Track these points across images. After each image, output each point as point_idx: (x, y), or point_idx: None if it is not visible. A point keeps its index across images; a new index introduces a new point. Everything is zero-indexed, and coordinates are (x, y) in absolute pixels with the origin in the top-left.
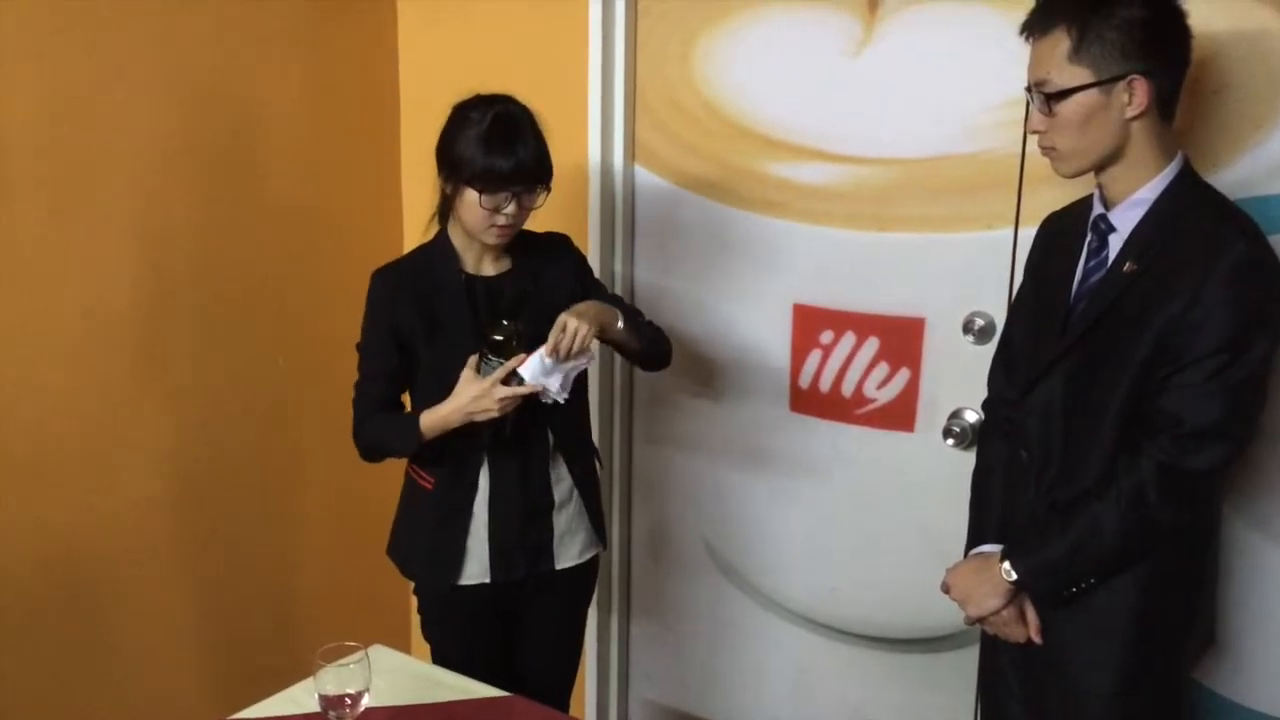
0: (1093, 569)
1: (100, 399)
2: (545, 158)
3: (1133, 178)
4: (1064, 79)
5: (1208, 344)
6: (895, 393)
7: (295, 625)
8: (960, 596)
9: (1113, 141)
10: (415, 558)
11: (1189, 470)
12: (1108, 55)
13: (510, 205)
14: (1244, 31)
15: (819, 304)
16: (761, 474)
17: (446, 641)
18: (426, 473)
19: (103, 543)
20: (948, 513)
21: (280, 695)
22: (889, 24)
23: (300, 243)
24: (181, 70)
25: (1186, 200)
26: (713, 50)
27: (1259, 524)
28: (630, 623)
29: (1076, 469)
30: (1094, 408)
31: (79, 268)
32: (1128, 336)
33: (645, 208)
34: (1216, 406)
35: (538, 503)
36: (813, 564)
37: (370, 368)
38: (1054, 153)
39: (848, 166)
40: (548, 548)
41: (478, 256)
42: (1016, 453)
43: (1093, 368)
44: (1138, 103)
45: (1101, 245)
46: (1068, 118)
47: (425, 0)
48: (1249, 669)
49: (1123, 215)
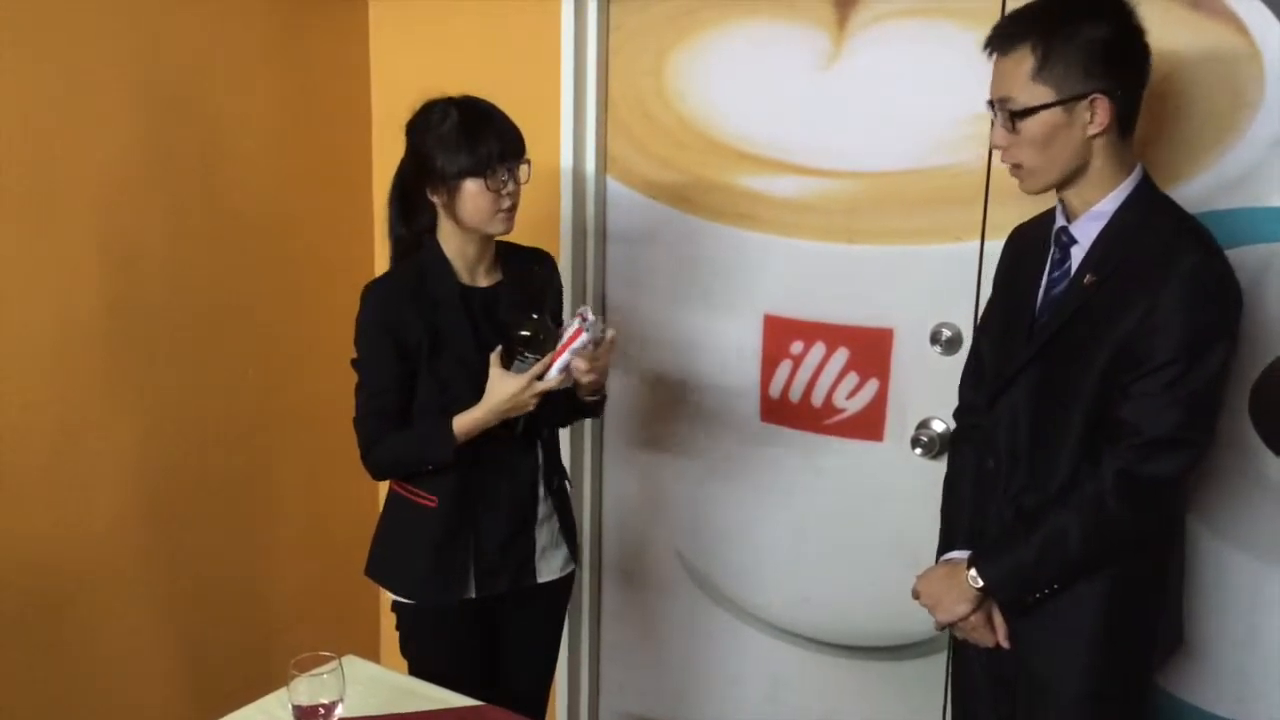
0: (1057, 575)
1: (69, 411)
2: (516, 128)
3: (1093, 191)
4: (1027, 97)
5: (1164, 353)
6: (865, 402)
7: (266, 638)
8: (930, 602)
9: (1075, 158)
10: (413, 577)
11: (1149, 477)
12: (1070, 75)
13: (510, 183)
14: (1204, 49)
15: (789, 315)
16: (732, 483)
17: (428, 658)
18: (425, 491)
19: (73, 555)
20: (917, 521)
21: (253, 705)
22: (858, 39)
23: (271, 254)
24: (152, 80)
25: (1144, 212)
26: (684, 64)
27: (1221, 530)
28: (601, 633)
29: (1042, 476)
30: (1058, 416)
31: (48, 279)
32: (1089, 347)
33: (617, 219)
34: (1174, 414)
35: (523, 517)
36: (784, 573)
37: (376, 382)
38: (1019, 170)
39: (818, 179)
40: (530, 562)
41: (471, 267)
42: (984, 460)
43: (1056, 377)
44: (1099, 121)
45: (1064, 257)
46: (1031, 136)
47: (397, 11)
48: (1213, 675)
49: (1083, 227)
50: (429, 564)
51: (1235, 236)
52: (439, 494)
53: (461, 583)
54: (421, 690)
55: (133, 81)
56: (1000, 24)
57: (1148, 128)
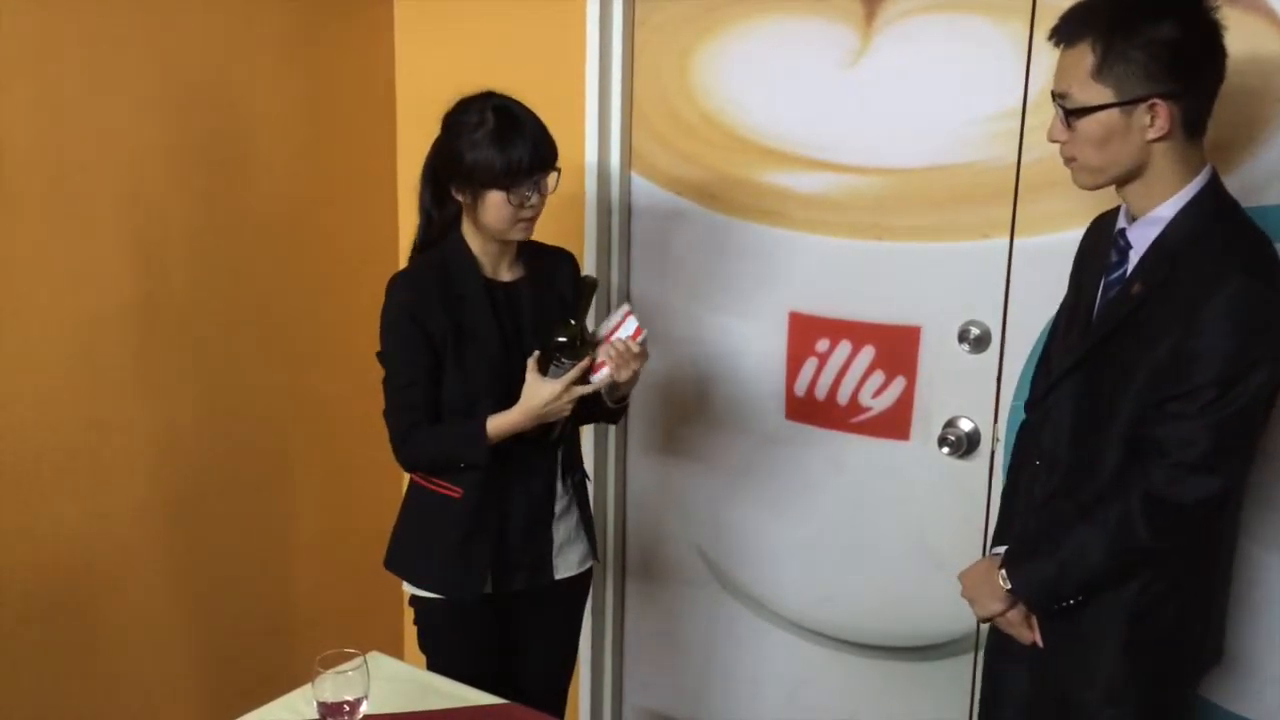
0: (1078, 588)
1: (93, 408)
2: (551, 137)
3: (1153, 194)
4: (1085, 96)
5: (1202, 375)
6: (891, 401)
7: (288, 633)
8: (969, 596)
9: (1132, 160)
10: (433, 570)
11: (1175, 502)
12: (1131, 76)
13: (534, 196)
14: (1236, 43)
15: (815, 312)
16: (756, 482)
17: (445, 653)
18: (452, 483)
19: (96, 549)
20: (943, 521)
21: (277, 702)
22: (885, 35)
23: (295, 251)
24: (177, 75)
25: (1200, 223)
26: (709, 60)
27: (1265, 540)
28: (625, 631)
29: (1079, 483)
30: (1099, 425)
31: (72, 277)
32: (1130, 359)
33: (642, 216)
34: (1206, 440)
35: (541, 513)
36: (808, 572)
37: (406, 375)
38: (1074, 164)
39: (844, 176)
40: (547, 558)
41: (494, 262)
42: (1033, 458)
43: (1100, 385)
44: (1159, 125)
45: (1121, 260)
46: (1087, 135)
47: (422, 8)
48: (1257, 685)
49: (1140, 232)
50: (450, 557)
51: (1272, 232)
52: (464, 486)
53: (480, 577)
54: (445, 688)
55: (157, 80)
56: (1066, 14)
57: None
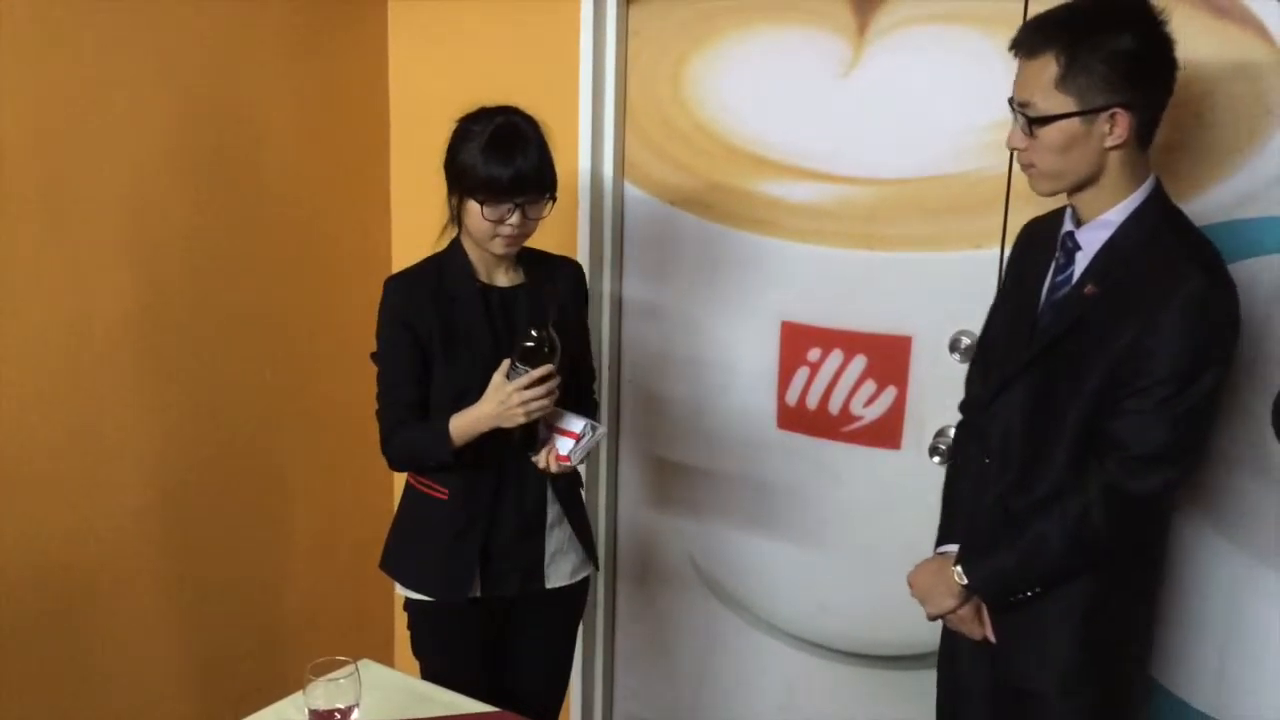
0: (1037, 580)
1: (88, 412)
2: (546, 168)
3: (1104, 199)
4: (1048, 105)
5: (1159, 372)
6: (882, 410)
7: (279, 640)
8: (921, 595)
9: (1089, 167)
10: (422, 571)
11: (1133, 493)
12: (1093, 86)
13: (514, 216)
14: (1228, 56)
15: (807, 321)
16: (748, 491)
17: (439, 658)
18: (438, 484)
19: (90, 556)
20: (934, 530)
21: (269, 710)
22: (877, 46)
23: (289, 255)
24: (173, 81)
25: (1150, 227)
26: (703, 70)
27: (1235, 538)
28: (616, 639)
29: (1032, 480)
30: (1051, 423)
31: (66, 280)
32: (1085, 358)
33: (634, 225)
34: (1162, 433)
35: (531, 521)
36: (800, 581)
37: (394, 375)
38: (1033, 170)
39: (836, 186)
40: (539, 566)
41: (491, 267)
42: (981, 457)
43: (1052, 384)
44: (1118, 134)
45: (1068, 262)
46: (1048, 142)
47: (416, 14)
48: (1199, 676)
49: (1089, 235)
50: (438, 558)
51: (1258, 245)
52: (450, 487)
53: (468, 580)
54: (437, 696)
55: (153, 83)
56: (1027, 26)
57: (1170, 135)
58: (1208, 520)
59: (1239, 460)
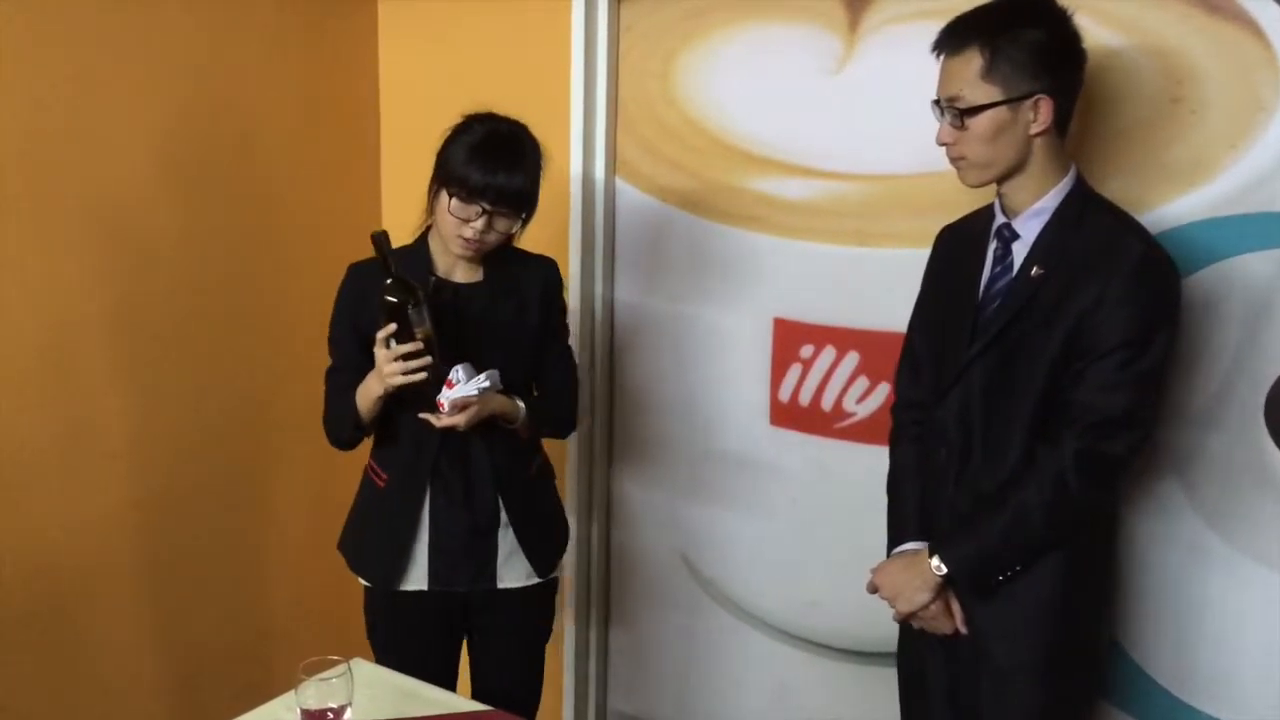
0: (1021, 555)
1: (73, 410)
2: (527, 191)
3: (1033, 188)
4: (975, 96)
5: (1116, 337)
6: (875, 407)
7: (272, 638)
8: (890, 594)
9: (1017, 155)
10: (364, 555)
11: (1106, 454)
12: (1016, 75)
13: (479, 221)
14: (1219, 52)
15: (799, 318)
16: (740, 488)
17: (389, 647)
18: (382, 469)
19: (73, 553)
20: None
21: (259, 710)
22: (869, 41)
23: (277, 253)
24: (161, 79)
25: (1083, 208)
26: (694, 67)
27: (1226, 532)
28: (608, 636)
29: (998, 462)
30: (1012, 403)
31: (53, 278)
32: (1039, 335)
33: (626, 222)
34: (1126, 395)
35: (479, 520)
36: (791, 578)
37: (337, 359)
38: (962, 162)
39: (829, 182)
40: (490, 566)
41: (452, 262)
42: (932, 452)
43: (1008, 366)
44: (1042, 119)
45: (1006, 252)
46: (978, 132)
47: (407, 11)
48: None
49: (1025, 223)
50: (379, 543)
51: (1251, 241)
52: (389, 472)
53: (411, 571)
54: (428, 695)
55: (142, 81)
56: (948, 26)
57: (1164, 132)
58: (1204, 517)
59: (1228, 455)
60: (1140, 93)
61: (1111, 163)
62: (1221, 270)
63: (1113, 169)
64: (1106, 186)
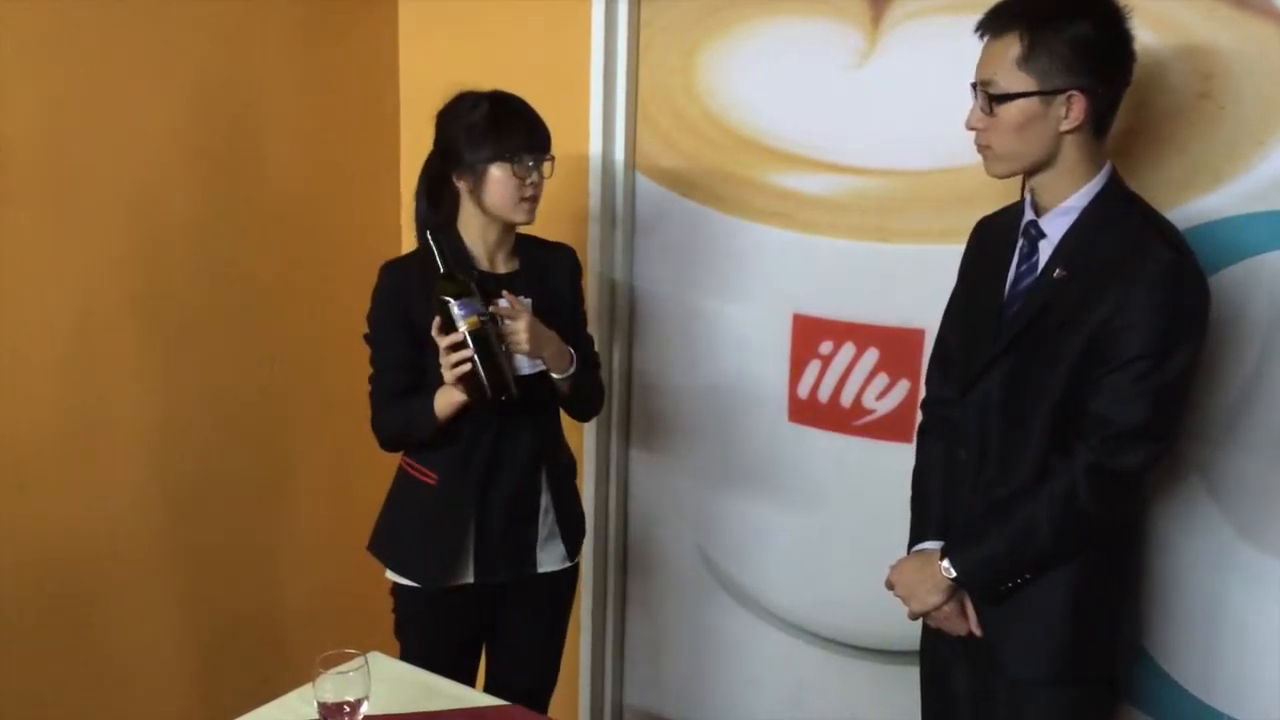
0: (1028, 565)
1: (94, 400)
2: (544, 125)
3: (1062, 186)
4: (1008, 83)
5: (1135, 348)
6: (895, 404)
7: (286, 632)
8: (903, 593)
9: (1044, 150)
10: (409, 556)
11: (1118, 469)
12: (1053, 67)
13: (534, 174)
14: (1247, 48)
15: (819, 314)
16: (758, 484)
17: (420, 642)
18: (428, 469)
19: (92, 546)
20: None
21: (276, 703)
22: (892, 36)
23: (296, 247)
24: (181, 70)
25: (1114, 210)
26: (715, 60)
27: (1250, 532)
28: (625, 631)
29: (1013, 467)
30: (1029, 408)
31: (71, 271)
32: (1059, 340)
33: (646, 216)
34: (1143, 408)
35: (524, 506)
36: (810, 575)
37: (383, 360)
38: (989, 151)
39: (850, 177)
40: (531, 551)
41: (489, 254)
42: (955, 451)
43: (1027, 369)
44: (1074, 117)
45: (1032, 250)
46: (1006, 121)
47: (426, 5)
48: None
49: (1052, 222)
50: (424, 544)
51: (1276, 239)
52: (439, 472)
53: (460, 567)
54: (446, 689)
55: (160, 73)
56: (994, 9)
57: (1191, 127)
58: (1229, 518)
59: (1257, 446)
60: (1168, 87)
61: (1137, 158)
62: (1249, 267)
63: (1138, 164)
64: (1131, 182)
